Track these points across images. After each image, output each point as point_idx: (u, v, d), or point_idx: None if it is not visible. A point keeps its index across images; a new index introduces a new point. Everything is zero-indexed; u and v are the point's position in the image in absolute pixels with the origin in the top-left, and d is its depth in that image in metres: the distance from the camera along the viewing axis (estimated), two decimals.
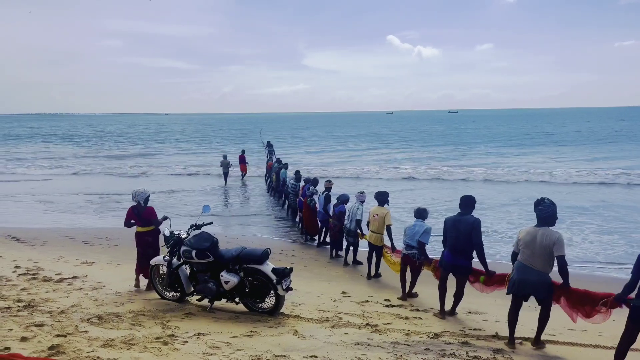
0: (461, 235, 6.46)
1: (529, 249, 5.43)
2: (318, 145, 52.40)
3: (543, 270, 5.41)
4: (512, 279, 5.68)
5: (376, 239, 9.00)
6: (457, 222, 6.53)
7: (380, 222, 8.83)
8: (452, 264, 6.67)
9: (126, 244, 11.69)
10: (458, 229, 6.49)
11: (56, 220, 15.04)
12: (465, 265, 6.60)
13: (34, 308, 6.27)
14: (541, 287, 5.45)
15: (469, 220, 6.43)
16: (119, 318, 6.02)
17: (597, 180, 22.98)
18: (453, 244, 6.60)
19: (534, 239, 5.39)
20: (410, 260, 7.75)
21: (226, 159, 23.28)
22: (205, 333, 5.58)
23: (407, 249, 7.79)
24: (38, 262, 9.29)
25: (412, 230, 7.70)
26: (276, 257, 10.15)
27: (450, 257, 6.67)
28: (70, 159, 37.95)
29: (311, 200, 11.98)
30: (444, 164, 30.96)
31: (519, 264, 5.58)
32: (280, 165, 18.36)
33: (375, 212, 8.99)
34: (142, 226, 7.57)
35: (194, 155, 41.34)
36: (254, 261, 6.44)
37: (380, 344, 5.53)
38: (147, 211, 7.55)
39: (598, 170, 25.55)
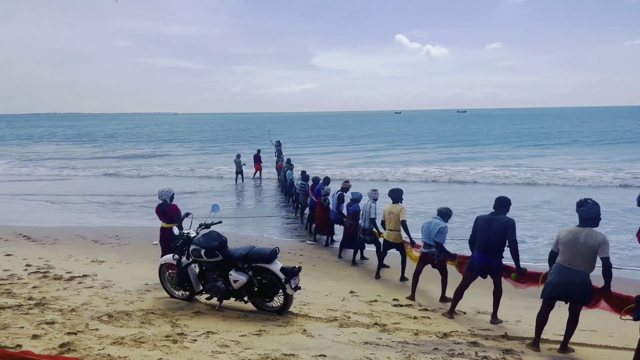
0: (493, 234, 6.32)
1: (571, 249, 5.27)
2: (333, 145, 51.19)
3: (585, 270, 5.27)
4: (550, 282, 5.51)
5: (395, 237, 8.91)
6: (490, 222, 6.38)
7: (396, 219, 8.78)
8: (484, 264, 6.50)
9: (135, 243, 11.81)
10: (490, 228, 6.34)
11: (67, 219, 15.18)
12: (498, 263, 6.50)
13: (45, 306, 6.33)
14: (581, 289, 5.30)
15: (503, 219, 6.30)
16: (129, 316, 6.06)
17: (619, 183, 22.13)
18: (484, 244, 6.44)
19: (576, 239, 5.24)
20: (430, 258, 7.65)
21: (239, 158, 23.68)
22: (214, 331, 5.60)
23: (425, 247, 7.70)
24: (49, 260, 9.37)
25: (428, 228, 7.60)
26: (284, 257, 10.17)
27: (481, 258, 6.50)
28: (89, 160, 37.88)
29: (325, 199, 11.88)
30: (474, 165, 29.81)
31: (558, 266, 5.42)
32: (288, 166, 18.48)
33: (390, 210, 8.93)
34: (167, 222, 7.92)
35: (205, 155, 41.13)
36: (262, 260, 6.46)
37: (388, 344, 5.52)
38: (171, 208, 7.92)
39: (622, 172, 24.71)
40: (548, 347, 5.71)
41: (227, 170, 27.75)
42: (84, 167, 31.97)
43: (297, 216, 15.39)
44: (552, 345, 5.76)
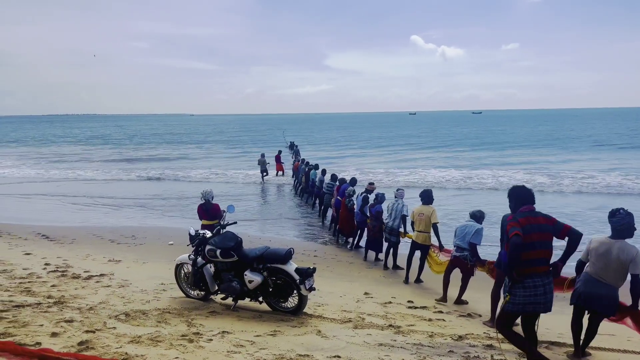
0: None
1: (603, 261, 5.09)
2: (355, 148, 50.02)
3: (614, 284, 5.10)
4: (576, 290, 5.38)
5: (424, 239, 8.81)
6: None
7: (427, 220, 8.68)
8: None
9: (151, 243, 11.93)
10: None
11: (85, 219, 15.39)
12: None
13: (63, 304, 6.43)
14: (607, 302, 5.13)
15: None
16: (146, 315, 6.12)
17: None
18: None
19: (608, 252, 5.06)
20: (462, 263, 7.51)
21: (263, 157, 24.72)
22: (230, 331, 5.64)
23: (457, 250, 7.56)
24: (67, 259, 9.51)
25: (463, 231, 7.45)
26: (299, 257, 10.19)
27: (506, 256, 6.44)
28: (126, 162, 37.38)
29: (349, 200, 11.78)
30: (517, 169, 27.95)
31: (587, 276, 5.25)
32: (308, 166, 18.43)
33: (420, 211, 8.84)
34: (209, 220, 8.89)
35: (223, 159, 40.23)
36: (277, 261, 6.49)
37: (403, 346, 5.51)
38: (214, 208, 9.06)
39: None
40: (564, 351, 5.64)
41: (247, 174, 27.73)
42: (124, 169, 31.43)
43: (320, 217, 15.33)
44: (569, 348, 5.70)
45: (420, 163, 34.14)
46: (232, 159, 39.04)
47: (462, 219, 8.29)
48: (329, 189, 14.17)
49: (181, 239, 10.37)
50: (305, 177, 18.55)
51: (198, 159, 40.31)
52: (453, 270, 7.72)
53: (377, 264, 10.57)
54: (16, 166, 33.93)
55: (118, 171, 30.67)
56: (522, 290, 4.62)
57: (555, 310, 6.25)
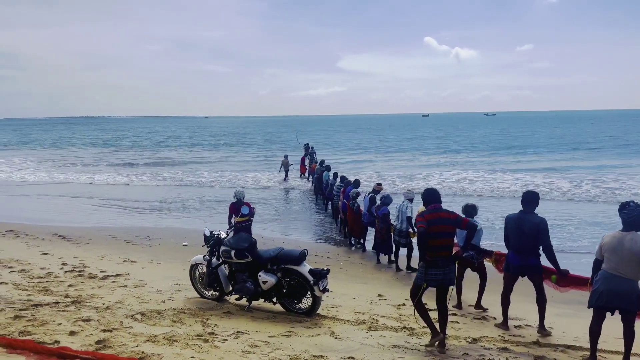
0: (525, 235, 6.03)
1: (617, 255, 4.99)
2: (374, 152, 47.32)
3: (634, 278, 4.97)
4: (596, 290, 5.18)
5: None
6: (520, 222, 6.08)
7: None
8: (520, 265, 6.18)
9: (166, 244, 12.03)
10: (521, 229, 6.05)
11: (99, 220, 15.57)
12: (535, 263, 6.15)
13: (80, 304, 6.52)
14: (631, 298, 4.99)
15: (534, 220, 5.99)
16: (161, 315, 6.19)
17: None
18: (517, 245, 6.16)
19: (620, 244, 4.98)
20: (469, 263, 7.38)
21: (287, 158, 25.80)
22: (244, 332, 5.67)
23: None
24: (83, 259, 9.64)
25: (462, 231, 7.17)
26: (312, 259, 10.20)
27: (517, 259, 6.20)
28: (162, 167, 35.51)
29: (354, 203, 11.70)
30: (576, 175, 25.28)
31: (605, 273, 5.10)
32: (322, 167, 18.42)
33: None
34: (240, 216, 9.76)
35: (240, 162, 38.93)
36: (291, 262, 6.51)
37: (417, 348, 5.50)
38: (245, 205, 9.78)
39: None
40: (581, 355, 5.58)
41: (263, 177, 27.67)
42: (144, 173, 30.81)
43: (333, 219, 15.25)
44: (585, 352, 5.64)
45: (462, 168, 30.78)
46: (249, 162, 38.54)
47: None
48: (338, 191, 14.10)
49: (195, 239, 10.46)
50: (318, 178, 18.56)
51: (212, 162, 39.70)
52: (464, 272, 7.59)
53: (391, 266, 10.51)
54: (35, 169, 34.10)
55: (137, 175, 30.64)
56: (430, 269, 5.47)
57: (570, 314, 6.22)
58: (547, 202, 17.70)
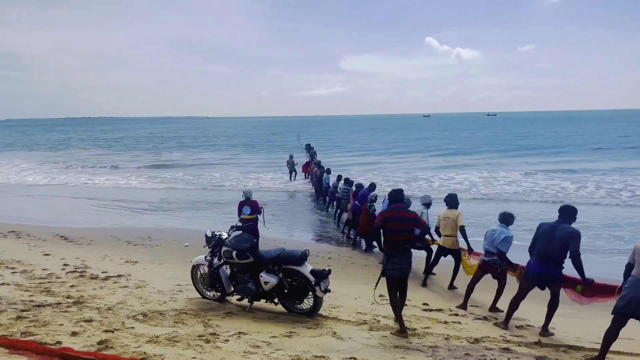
0: (555, 242, 5.93)
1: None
2: (383, 153, 45.91)
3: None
4: (625, 296, 5.04)
5: (452, 243, 8.60)
6: (554, 229, 6.00)
7: (453, 224, 8.51)
8: (541, 273, 6.11)
9: (167, 244, 12.04)
10: (553, 235, 5.96)
11: (101, 221, 15.60)
12: (556, 273, 6.08)
13: (82, 304, 6.53)
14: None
15: (568, 229, 5.91)
16: (163, 316, 6.19)
17: None
18: (543, 251, 6.06)
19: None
20: (491, 268, 7.27)
21: (292, 158, 26.09)
22: (246, 332, 5.68)
23: (486, 255, 7.31)
24: (85, 260, 9.65)
25: (492, 235, 7.20)
26: (313, 259, 10.19)
27: (538, 266, 6.12)
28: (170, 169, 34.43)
29: (371, 206, 11.60)
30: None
31: (634, 280, 4.98)
32: (321, 169, 18.44)
33: (446, 215, 8.69)
34: (249, 214, 10.41)
35: (243, 164, 37.75)
36: (292, 262, 6.51)
37: (419, 348, 5.50)
38: (253, 203, 10.57)
39: None
40: (582, 355, 5.58)
41: (265, 178, 27.70)
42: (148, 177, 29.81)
43: (335, 220, 15.27)
44: (588, 352, 5.63)
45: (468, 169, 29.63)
46: (251, 164, 38.21)
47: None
48: (344, 194, 14.03)
49: (197, 240, 10.48)
50: (318, 180, 18.57)
51: (213, 164, 39.28)
52: (482, 276, 7.46)
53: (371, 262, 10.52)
54: (40, 171, 33.97)
55: (138, 176, 30.56)
56: (390, 261, 6.11)
57: (573, 314, 6.21)
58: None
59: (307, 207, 18.92)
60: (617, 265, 8.83)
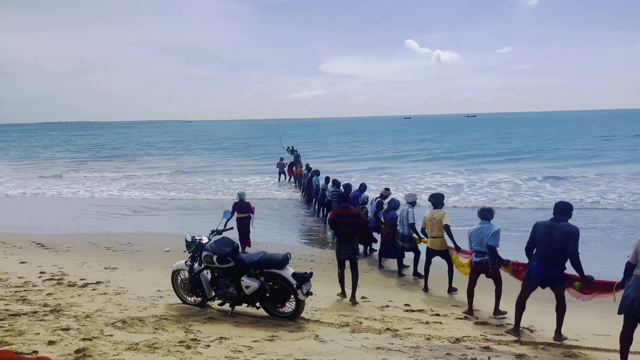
0: (554, 243, 5.79)
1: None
2: (379, 158, 42.19)
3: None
4: (627, 296, 4.90)
5: (441, 244, 8.47)
6: (551, 229, 5.84)
7: (439, 225, 8.36)
8: (544, 276, 5.95)
9: (147, 250, 11.90)
10: (551, 236, 5.81)
11: (79, 227, 15.33)
12: (560, 276, 5.95)
13: (59, 312, 6.41)
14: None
15: (566, 227, 5.75)
16: (143, 322, 6.11)
17: None
18: (544, 254, 5.92)
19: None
20: (484, 267, 7.09)
21: (282, 160, 26.99)
22: (227, 337, 5.64)
23: (477, 255, 7.11)
24: (63, 267, 9.48)
25: (479, 234, 7.02)
26: (295, 262, 10.18)
27: (541, 269, 5.95)
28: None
29: (363, 208, 11.49)
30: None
31: (637, 278, 4.85)
32: (311, 172, 18.29)
33: (432, 216, 8.50)
34: (241, 213, 11.69)
35: (226, 168, 36.65)
36: (274, 266, 6.49)
37: (401, 349, 5.52)
38: (246, 204, 11.83)
39: None
40: (561, 352, 5.66)
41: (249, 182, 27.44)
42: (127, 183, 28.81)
43: (325, 224, 14.94)
44: (566, 349, 5.72)
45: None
46: (237, 168, 37.56)
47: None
48: (334, 196, 13.72)
49: (177, 245, 10.37)
50: (308, 183, 18.34)
51: (197, 168, 38.67)
52: (477, 277, 7.31)
53: (390, 269, 10.45)
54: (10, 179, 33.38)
55: (117, 181, 30.17)
56: (340, 246, 7.98)
57: (550, 312, 6.29)
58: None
59: (292, 210, 18.85)
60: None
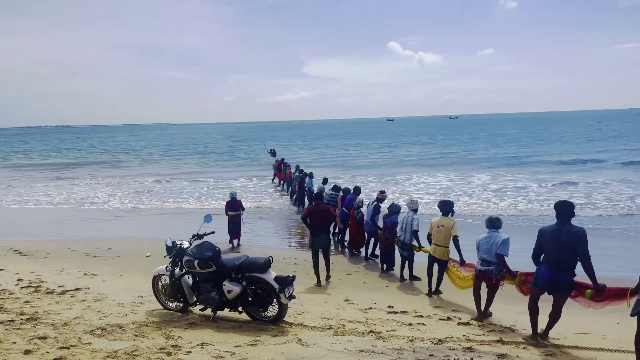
0: (562, 247, 5.61)
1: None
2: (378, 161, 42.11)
3: None
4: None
5: (442, 253, 8.23)
6: (558, 233, 5.66)
7: (447, 233, 8.08)
8: (552, 282, 5.77)
9: (129, 255, 11.74)
10: (558, 240, 5.64)
11: (58, 233, 15.07)
12: (569, 282, 5.74)
13: (37, 321, 6.27)
14: None
15: (572, 230, 5.58)
16: (122, 329, 6.00)
17: None
18: (552, 259, 5.74)
19: None
20: (487, 277, 6.93)
21: (277, 162, 27.25)
22: (209, 343, 5.56)
23: (482, 264, 6.95)
24: (41, 274, 9.29)
25: (488, 243, 6.87)
26: (279, 266, 10.15)
27: (549, 274, 5.78)
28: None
29: (358, 212, 11.43)
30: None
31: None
32: (303, 174, 18.21)
33: (439, 222, 8.22)
34: (233, 211, 12.95)
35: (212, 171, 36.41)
36: (256, 270, 6.44)
37: (384, 351, 5.51)
38: (238, 202, 13.21)
39: None
40: (542, 351, 5.71)
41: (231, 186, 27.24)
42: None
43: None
44: (547, 349, 5.77)
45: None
46: (224, 170, 37.39)
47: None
48: (332, 199, 13.65)
49: (159, 250, 10.27)
50: (299, 185, 18.20)
51: (180, 172, 38.84)
52: (481, 284, 7.14)
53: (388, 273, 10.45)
54: None
55: (99, 185, 29.97)
56: (313, 239, 9.36)
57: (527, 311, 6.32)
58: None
59: (277, 212, 18.77)
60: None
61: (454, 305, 7.94)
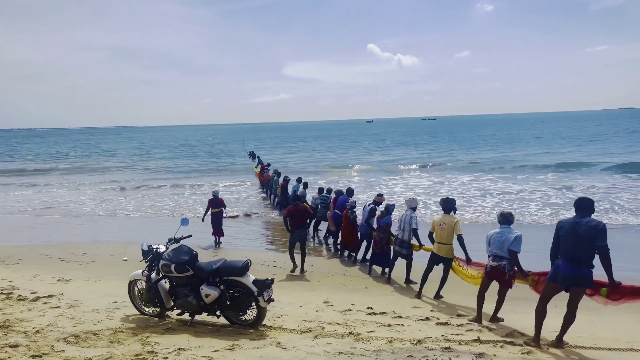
0: (581, 239, 5.53)
1: None
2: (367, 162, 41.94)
3: None
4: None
5: (447, 251, 8.13)
6: (577, 225, 5.59)
7: (449, 231, 8.01)
8: (572, 275, 5.61)
9: (104, 260, 11.53)
10: (577, 232, 5.56)
11: (31, 238, 14.72)
12: (589, 275, 5.58)
13: (8, 328, 6.10)
14: None
15: (592, 223, 5.51)
16: (97, 336, 5.88)
17: None
18: (571, 252, 5.62)
19: None
20: (500, 273, 6.76)
21: (269, 166, 27.56)
22: (186, 348, 5.48)
23: (494, 259, 6.79)
24: (12, 281, 9.06)
25: (500, 238, 6.75)
26: (257, 269, 10.09)
27: (569, 268, 5.63)
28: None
29: (352, 212, 11.32)
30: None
31: None
32: (284, 178, 18.05)
33: (442, 220, 8.13)
34: (215, 208, 13.65)
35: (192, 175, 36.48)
36: (234, 273, 6.37)
37: (363, 353, 5.50)
38: (220, 200, 13.84)
39: None
40: (519, 349, 5.77)
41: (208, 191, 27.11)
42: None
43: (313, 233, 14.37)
44: (523, 348, 5.84)
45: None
46: (204, 173, 37.35)
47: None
48: (323, 202, 13.59)
49: (136, 254, 10.09)
50: (282, 189, 17.99)
51: (157, 174, 38.80)
52: (490, 283, 7.03)
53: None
54: None
55: (75, 188, 29.47)
56: (292, 234, 10.50)
57: (508, 310, 6.40)
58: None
59: (261, 215, 18.67)
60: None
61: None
